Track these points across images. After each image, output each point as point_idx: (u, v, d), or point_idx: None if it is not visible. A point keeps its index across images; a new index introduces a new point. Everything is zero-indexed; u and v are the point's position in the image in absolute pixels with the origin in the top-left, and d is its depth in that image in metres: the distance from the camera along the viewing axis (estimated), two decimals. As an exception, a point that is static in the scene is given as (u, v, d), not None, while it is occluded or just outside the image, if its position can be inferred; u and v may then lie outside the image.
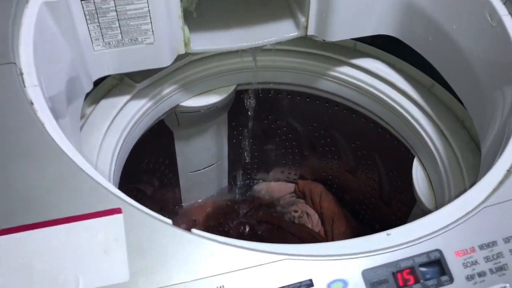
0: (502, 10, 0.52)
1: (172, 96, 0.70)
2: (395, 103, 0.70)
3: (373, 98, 0.73)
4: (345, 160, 0.91)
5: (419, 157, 0.67)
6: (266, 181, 1.04)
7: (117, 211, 0.33)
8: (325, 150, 0.93)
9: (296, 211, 0.98)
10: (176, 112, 0.73)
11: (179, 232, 0.33)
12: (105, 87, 0.64)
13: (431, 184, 0.65)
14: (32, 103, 0.38)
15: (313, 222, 0.96)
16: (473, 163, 0.59)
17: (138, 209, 0.33)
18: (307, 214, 0.97)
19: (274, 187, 1.03)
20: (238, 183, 1.01)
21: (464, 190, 0.39)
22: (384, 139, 0.76)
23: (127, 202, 0.33)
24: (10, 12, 0.43)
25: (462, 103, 0.61)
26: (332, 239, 0.93)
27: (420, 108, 0.68)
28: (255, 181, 1.03)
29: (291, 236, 0.93)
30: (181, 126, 0.78)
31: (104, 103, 0.63)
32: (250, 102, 0.80)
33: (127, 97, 0.64)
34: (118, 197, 0.34)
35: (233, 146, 0.92)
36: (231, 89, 0.75)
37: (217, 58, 0.72)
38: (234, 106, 0.82)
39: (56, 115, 0.44)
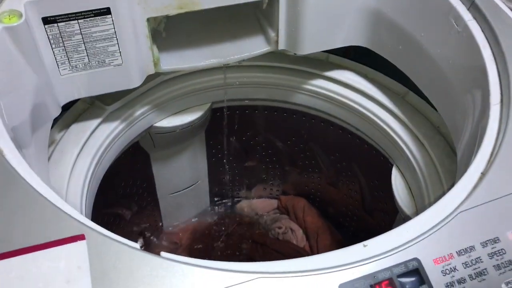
0: (466, 15, 0.52)
1: (145, 117, 0.69)
2: (370, 112, 0.70)
3: (348, 109, 0.73)
4: (326, 173, 0.91)
5: (397, 166, 0.67)
6: (249, 199, 1.02)
7: (80, 237, 0.31)
8: (305, 164, 0.92)
9: (280, 228, 0.97)
10: (150, 133, 0.72)
11: (147, 256, 0.32)
12: (75, 112, 0.63)
13: (411, 191, 0.64)
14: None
15: (298, 237, 0.94)
16: (450, 168, 0.59)
17: (103, 234, 0.32)
18: (291, 229, 0.95)
19: (257, 204, 1.02)
20: (220, 203, 0.99)
21: (443, 195, 0.39)
22: (362, 150, 0.76)
23: (90, 227, 0.32)
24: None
25: (436, 109, 0.61)
26: (318, 253, 0.92)
27: (395, 117, 0.68)
28: (237, 199, 1.02)
29: (276, 254, 0.91)
30: (157, 147, 0.77)
31: (74, 127, 0.62)
32: (227, 120, 0.80)
33: (98, 120, 0.63)
34: (81, 223, 0.32)
35: (213, 165, 0.91)
36: (206, 107, 0.74)
37: (190, 77, 0.71)
38: (211, 124, 0.81)
39: (19, 144, 0.43)
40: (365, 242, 0.35)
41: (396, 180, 0.66)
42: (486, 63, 0.48)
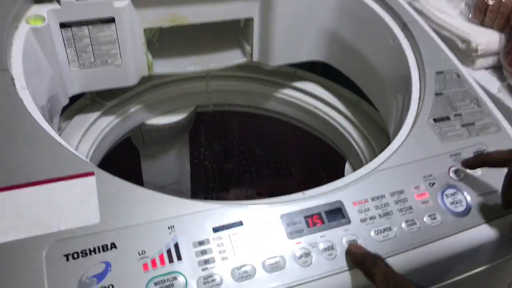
0: (400, 34, 0.66)
1: (138, 115, 0.80)
2: (329, 117, 0.83)
3: (312, 115, 0.85)
4: (296, 175, 1.02)
5: (349, 160, 0.79)
6: (226, 200, 1.12)
7: (91, 174, 0.42)
8: (278, 167, 1.04)
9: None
10: (141, 130, 0.83)
11: (140, 189, 0.43)
12: (78, 106, 0.74)
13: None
14: (21, 100, 0.48)
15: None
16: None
17: (107, 172, 0.43)
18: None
19: (234, 205, 1.12)
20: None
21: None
22: (323, 150, 0.88)
23: (99, 168, 0.43)
24: (3, 34, 0.53)
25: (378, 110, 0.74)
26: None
27: (349, 120, 0.80)
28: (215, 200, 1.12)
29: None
30: (147, 144, 0.88)
31: (77, 118, 0.73)
32: (208, 123, 0.91)
33: (98, 113, 0.74)
34: (92, 164, 0.43)
35: (195, 166, 1.02)
36: (191, 109, 0.86)
37: (178, 83, 0.84)
38: (194, 127, 0.93)
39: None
40: (304, 191, 0.47)
41: (348, 172, 0.77)
42: (411, 71, 0.61)
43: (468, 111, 0.56)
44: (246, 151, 1.02)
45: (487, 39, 0.75)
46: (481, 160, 0.49)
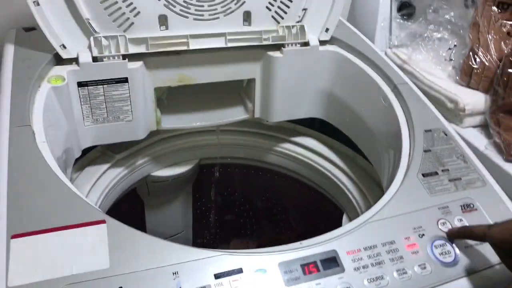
0: (390, 95, 0.71)
1: (144, 167, 0.84)
2: (327, 171, 0.87)
3: (310, 169, 0.89)
4: (295, 228, 1.05)
5: (346, 212, 0.82)
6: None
7: (102, 222, 0.46)
8: (277, 220, 1.06)
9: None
10: (147, 181, 0.87)
11: (148, 237, 0.46)
12: (89, 158, 0.79)
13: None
14: (41, 152, 0.52)
15: None
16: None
17: (117, 221, 0.46)
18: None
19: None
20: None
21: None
22: (322, 203, 0.91)
23: (109, 216, 0.46)
24: (28, 93, 0.59)
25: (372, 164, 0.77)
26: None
27: (346, 174, 0.84)
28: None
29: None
30: (151, 195, 0.91)
31: (88, 169, 0.77)
32: (212, 175, 0.95)
33: (107, 165, 0.78)
34: (103, 213, 0.47)
35: (197, 217, 1.05)
36: (195, 162, 0.91)
37: (183, 137, 0.89)
38: (198, 179, 0.97)
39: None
40: (301, 241, 0.50)
41: (345, 224, 0.80)
42: (402, 129, 0.66)
43: (455, 166, 0.60)
44: (247, 203, 1.05)
45: (474, 99, 0.80)
46: (463, 232, 0.51)
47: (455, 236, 0.51)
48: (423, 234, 0.51)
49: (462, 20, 0.87)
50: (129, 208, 0.90)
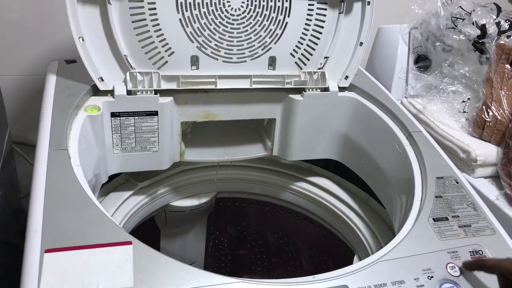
0: (405, 141, 0.74)
1: (164, 196, 0.88)
2: (341, 212, 0.89)
3: (324, 208, 0.92)
4: (305, 266, 1.06)
5: (358, 254, 0.84)
6: (237, 287, 1.15)
7: (129, 243, 0.49)
8: (288, 257, 1.08)
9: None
10: (165, 210, 0.90)
11: (171, 260, 0.49)
12: (114, 184, 0.82)
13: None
14: (75, 175, 0.56)
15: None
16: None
17: (142, 243, 0.49)
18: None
19: (244, 292, 1.14)
20: (212, 286, 1.12)
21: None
22: (333, 243, 0.93)
23: (135, 238, 0.50)
24: (66, 119, 0.64)
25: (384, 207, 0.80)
26: None
27: (359, 216, 0.86)
28: (226, 286, 1.15)
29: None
30: (168, 224, 0.94)
31: (112, 195, 0.80)
32: (227, 209, 0.98)
33: (130, 193, 0.82)
34: (130, 235, 0.50)
35: (210, 249, 1.07)
36: (212, 195, 0.94)
37: (203, 170, 0.92)
38: (213, 212, 0.99)
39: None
40: (314, 275, 0.52)
41: (356, 265, 0.81)
42: (415, 174, 0.68)
43: (465, 213, 0.62)
44: (259, 238, 1.07)
45: (486, 151, 0.83)
46: (477, 264, 0.54)
47: (470, 267, 0.53)
48: (432, 276, 0.53)
49: (476, 75, 0.91)
50: (146, 236, 0.93)
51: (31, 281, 0.44)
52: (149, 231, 0.93)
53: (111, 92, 0.71)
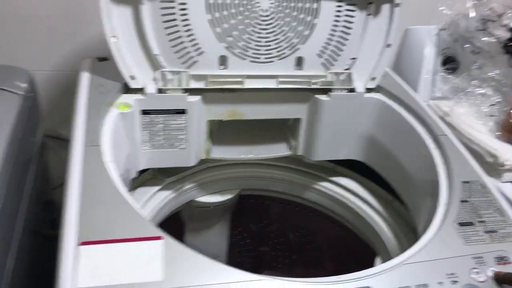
0: (431, 145, 0.74)
1: (190, 192, 0.90)
2: (364, 213, 0.89)
3: (347, 209, 0.92)
4: (327, 265, 1.06)
5: (380, 256, 0.84)
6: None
7: (159, 238, 0.51)
8: (310, 256, 1.08)
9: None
10: (191, 205, 0.92)
11: (199, 256, 0.50)
12: (142, 179, 0.85)
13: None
14: (107, 170, 0.58)
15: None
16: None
17: (173, 238, 0.51)
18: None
19: (264, 288, 1.15)
20: (233, 282, 1.13)
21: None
22: (355, 244, 0.93)
23: (167, 234, 0.51)
24: (99, 116, 0.66)
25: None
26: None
27: (383, 218, 0.86)
28: (247, 281, 1.16)
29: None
30: (193, 219, 0.96)
31: (139, 190, 0.83)
32: (250, 206, 0.99)
33: (157, 188, 0.84)
34: (161, 231, 0.52)
35: (232, 245, 1.08)
36: (236, 192, 0.95)
37: (228, 167, 0.94)
38: (237, 208, 1.01)
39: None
40: (339, 275, 0.53)
41: (378, 266, 0.82)
42: (440, 177, 0.68)
43: (491, 219, 0.62)
44: (281, 236, 1.08)
45: (513, 155, 0.82)
46: (509, 277, 0.53)
47: (501, 280, 0.53)
48: (456, 281, 0.53)
49: (506, 78, 0.90)
50: (172, 230, 0.95)
51: (67, 270, 0.46)
52: (175, 225, 0.95)
53: (141, 90, 0.72)
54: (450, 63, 1.03)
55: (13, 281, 0.66)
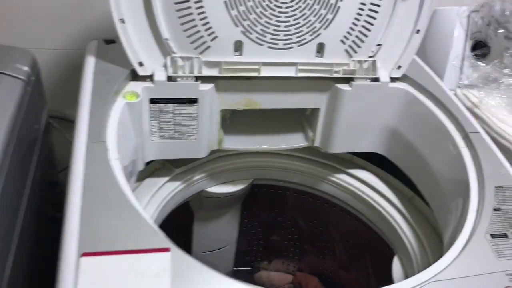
0: (461, 143, 0.69)
1: (200, 182, 0.86)
2: (382, 208, 0.84)
3: (364, 203, 0.88)
4: (339, 257, 1.03)
5: (399, 255, 0.80)
6: (267, 270, 1.14)
7: (167, 249, 0.47)
8: (322, 246, 1.05)
9: (292, 301, 1.07)
10: (201, 196, 0.88)
11: (208, 269, 0.46)
12: (150, 169, 0.81)
13: (407, 277, 0.76)
14: (112, 169, 0.54)
15: (307, 311, 1.05)
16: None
17: (181, 250, 0.47)
18: (302, 304, 1.06)
19: (274, 276, 1.13)
20: (242, 269, 1.11)
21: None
22: (372, 239, 0.89)
23: (174, 244, 0.47)
24: (105, 107, 0.61)
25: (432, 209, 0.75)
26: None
27: (402, 215, 0.82)
28: (257, 269, 1.14)
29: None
30: (203, 208, 0.93)
31: (148, 181, 0.79)
32: (262, 195, 0.95)
33: (166, 178, 0.80)
34: (168, 241, 0.48)
35: (242, 234, 1.05)
36: (248, 182, 0.91)
37: (240, 156, 0.89)
38: (248, 197, 0.97)
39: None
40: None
41: (396, 267, 0.78)
42: (470, 180, 0.63)
43: (526, 230, 0.57)
44: (293, 226, 1.05)
45: (549, 154, 0.76)
46: None
47: None
48: (488, 302, 0.49)
49: (542, 67, 0.83)
50: (180, 218, 0.92)
51: (67, 285, 0.43)
52: (183, 214, 0.92)
53: (150, 77, 0.67)
54: (480, 48, 0.96)
55: (16, 263, 0.63)
